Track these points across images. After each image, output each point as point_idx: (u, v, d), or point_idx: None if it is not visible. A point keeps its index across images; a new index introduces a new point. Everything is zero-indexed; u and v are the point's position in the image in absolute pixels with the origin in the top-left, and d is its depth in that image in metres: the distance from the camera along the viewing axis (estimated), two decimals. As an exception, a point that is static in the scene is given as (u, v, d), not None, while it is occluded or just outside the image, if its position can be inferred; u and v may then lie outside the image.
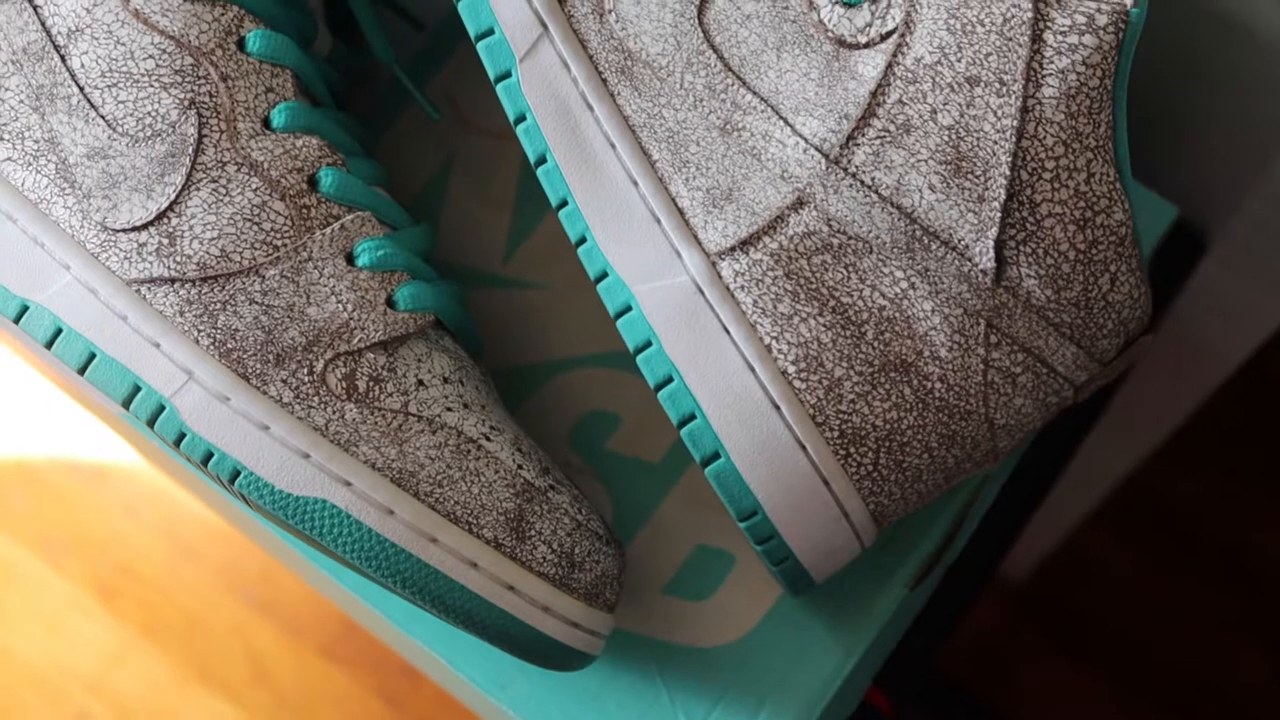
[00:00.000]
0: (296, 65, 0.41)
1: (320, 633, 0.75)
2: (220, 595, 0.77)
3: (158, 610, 0.79)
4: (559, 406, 0.46)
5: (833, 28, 0.39)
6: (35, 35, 0.40)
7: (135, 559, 0.80)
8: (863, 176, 0.39)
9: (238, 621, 0.76)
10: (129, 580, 0.80)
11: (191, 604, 0.78)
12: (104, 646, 0.80)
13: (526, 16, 0.40)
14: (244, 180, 0.39)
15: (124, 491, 0.78)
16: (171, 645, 0.78)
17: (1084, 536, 0.82)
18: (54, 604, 0.84)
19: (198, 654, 0.77)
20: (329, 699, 0.75)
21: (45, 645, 0.81)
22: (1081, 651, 0.87)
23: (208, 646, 0.77)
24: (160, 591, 0.79)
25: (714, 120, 0.40)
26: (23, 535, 0.82)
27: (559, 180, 0.40)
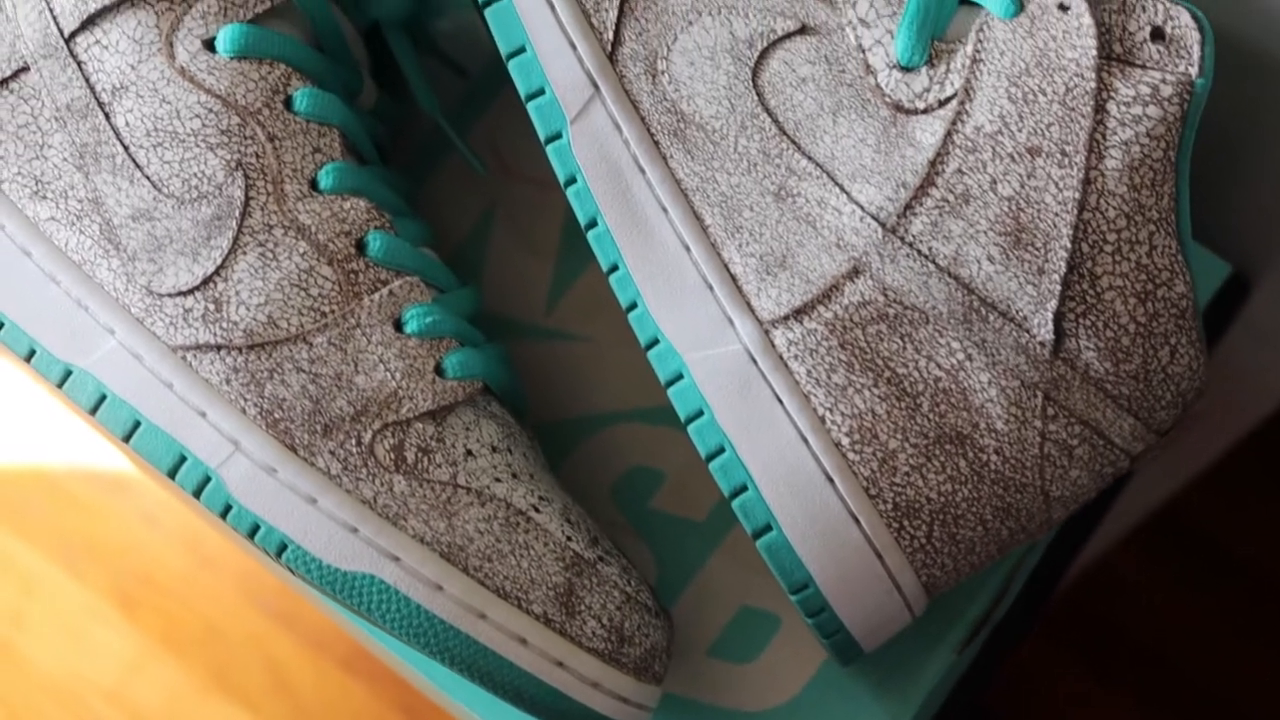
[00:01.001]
0: (343, 123, 0.40)
1: (340, 644, 0.75)
2: (240, 605, 0.77)
3: (177, 620, 0.78)
4: (602, 462, 0.45)
5: (890, 93, 0.39)
6: (79, 92, 0.39)
7: (155, 568, 0.80)
8: (920, 246, 0.38)
9: (257, 632, 0.76)
10: (148, 590, 0.80)
11: (211, 614, 0.78)
12: (123, 656, 0.80)
13: (578, 77, 0.40)
14: (291, 244, 0.38)
15: (144, 501, 0.78)
16: (191, 655, 0.78)
17: (1113, 555, 0.82)
18: (73, 613, 0.83)
19: (217, 664, 0.77)
20: (348, 711, 0.74)
21: (64, 654, 0.80)
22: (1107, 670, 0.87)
23: (227, 657, 0.77)
24: (180, 601, 0.79)
25: (768, 185, 0.39)
26: (43, 544, 0.82)
27: (610, 245, 0.39)
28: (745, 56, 0.39)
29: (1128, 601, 0.88)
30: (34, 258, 0.39)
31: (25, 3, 0.40)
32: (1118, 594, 0.87)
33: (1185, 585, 0.87)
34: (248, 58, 0.39)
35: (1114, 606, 0.87)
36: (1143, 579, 0.87)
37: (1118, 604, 0.88)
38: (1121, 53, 0.38)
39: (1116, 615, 0.87)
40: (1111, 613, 0.87)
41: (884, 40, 0.39)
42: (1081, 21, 0.38)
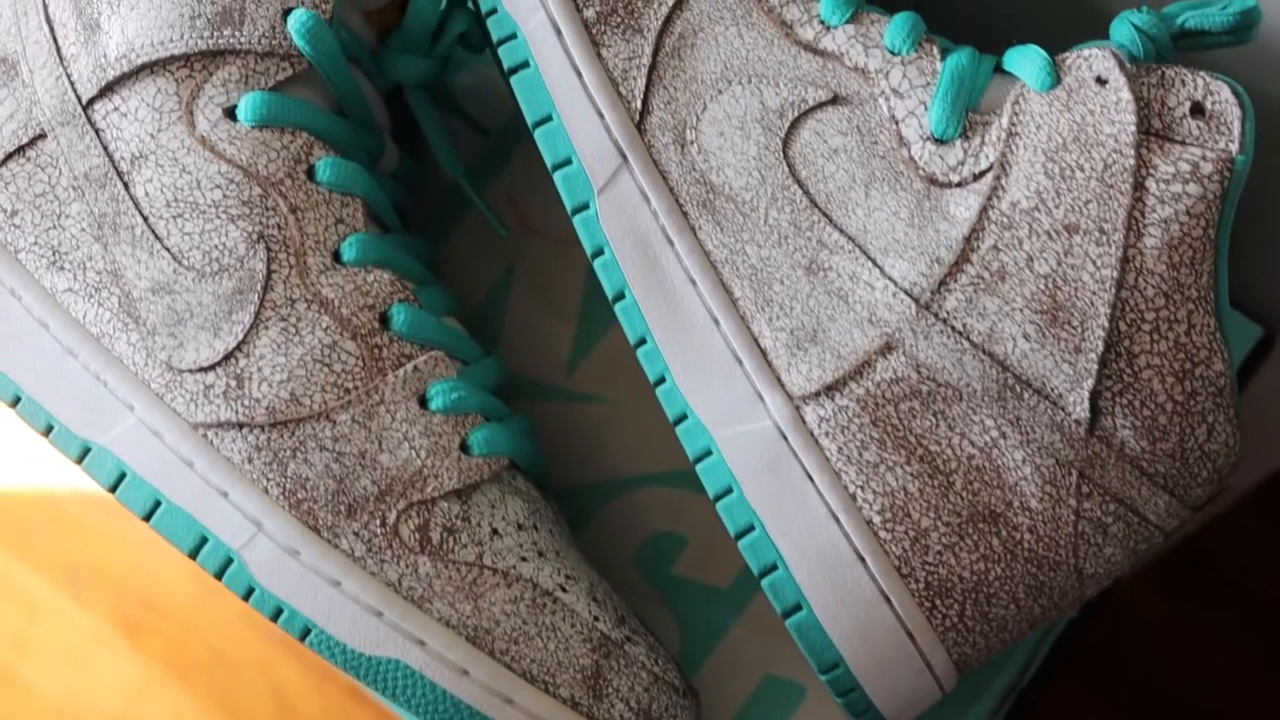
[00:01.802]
0: (366, 192, 0.39)
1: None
2: (245, 631, 0.76)
3: (182, 645, 0.78)
4: (624, 527, 0.45)
5: (924, 165, 0.38)
6: (98, 160, 0.38)
7: (159, 593, 0.79)
8: (954, 323, 0.37)
9: (262, 658, 0.75)
10: (153, 615, 0.79)
11: (216, 639, 0.77)
12: (127, 681, 0.79)
13: (606, 146, 0.39)
14: (314, 319, 0.38)
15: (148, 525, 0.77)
16: (195, 681, 0.77)
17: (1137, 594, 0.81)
18: (77, 638, 0.83)
19: (222, 690, 0.76)
20: (353, 738, 0.74)
21: (68, 680, 0.80)
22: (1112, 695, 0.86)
23: (232, 683, 0.76)
24: (185, 627, 0.78)
25: (799, 259, 0.38)
26: (46, 568, 0.81)
27: (638, 318, 0.39)
28: (776, 126, 0.39)
29: (1154, 643, 0.87)
30: (51, 330, 0.38)
31: (42, 68, 0.39)
32: (1144, 635, 0.86)
33: (1211, 623, 0.86)
34: (269, 126, 0.38)
35: (1140, 648, 0.87)
36: (1169, 618, 0.86)
37: (1144, 645, 0.87)
38: (1161, 128, 0.37)
39: (1143, 656, 0.86)
40: (1139, 654, 0.87)
41: (918, 112, 0.38)
42: (1120, 96, 0.37)
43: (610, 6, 0.40)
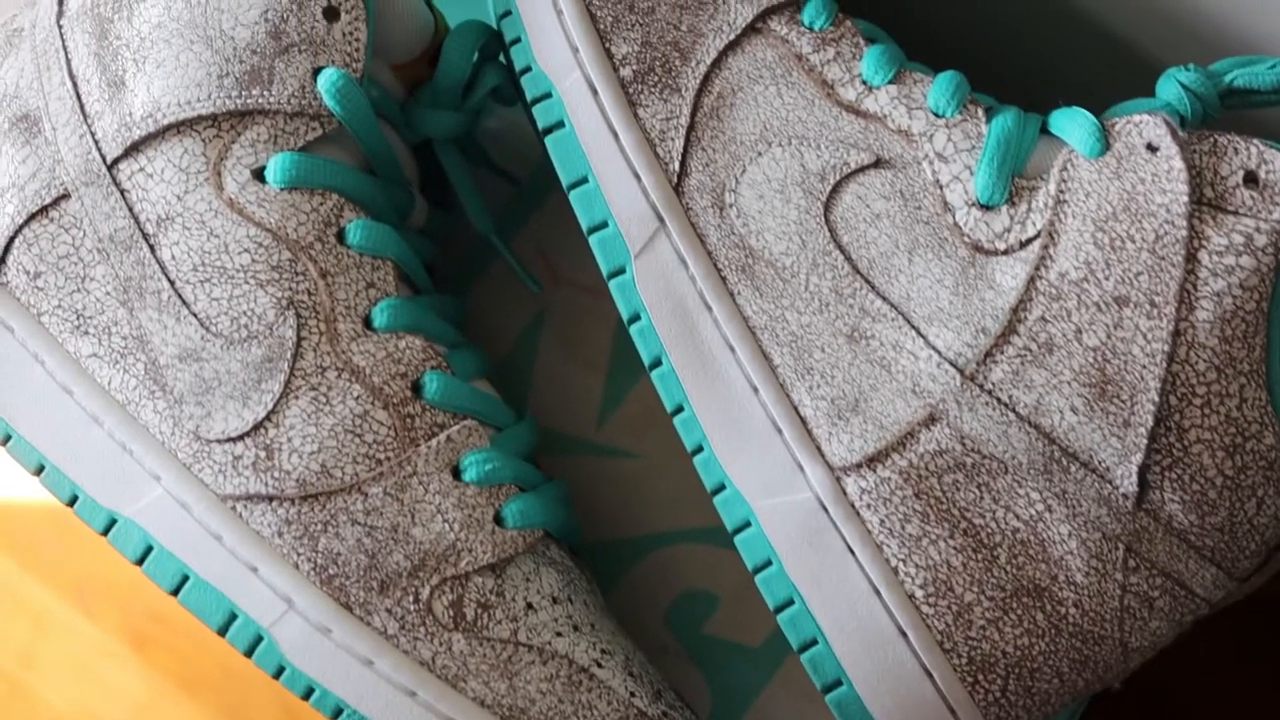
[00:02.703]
0: (397, 255, 0.38)
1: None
2: (255, 645, 0.75)
3: (191, 659, 0.77)
4: (655, 585, 0.44)
5: (969, 232, 0.37)
6: (123, 222, 0.37)
7: (168, 607, 0.78)
8: (1000, 394, 0.36)
9: (272, 673, 0.74)
10: (162, 629, 0.78)
11: (226, 653, 0.76)
12: (136, 695, 0.78)
13: (643, 209, 0.38)
14: (345, 388, 0.37)
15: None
16: (205, 695, 0.76)
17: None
18: (86, 651, 0.82)
19: (231, 705, 0.76)
20: (365, 754, 0.73)
21: (76, 693, 0.79)
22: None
23: (243, 697, 0.76)
24: (194, 640, 0.77)
25: (840, 326, 0.37)
26: (54, 581, 0.81)
27: (675, 385, 0.38)
28: (817, 190, 0.38)
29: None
30: (75, 396, 0.37)
31: (66, 125, 0.38)
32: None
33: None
34: (299, 188, 0.37)
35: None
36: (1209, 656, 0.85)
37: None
38: (1213, 198, 0.36)
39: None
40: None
41: (962, 176, 0.37)
42: (1172, 165, 0.36)
43: (647, 65, 0.39)
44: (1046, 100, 0.40)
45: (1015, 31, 0.46)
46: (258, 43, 0.38)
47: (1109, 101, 0.40)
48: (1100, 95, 0.41)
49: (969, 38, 0.45)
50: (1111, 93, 0.41)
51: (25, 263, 0.38)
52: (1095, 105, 0.39)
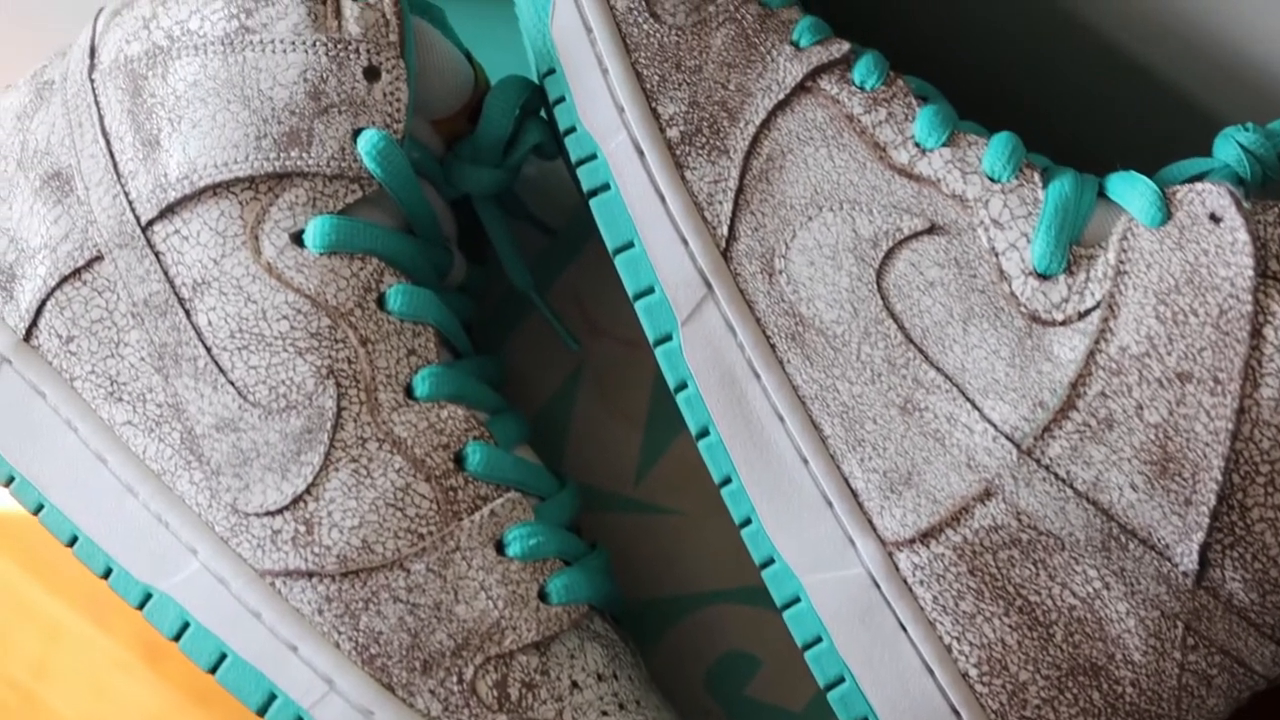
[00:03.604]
0: (438, 320, 0.37)
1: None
2: (270, 659, 0.75)
3: (203, 673, 0.76)
4: (695, 646, 0.43)
5: (1026, 301, 0.36)
6: (158, 286, 0.36)
7: (183, 621, 0.77)
8: (1057, 470, 0.36)
9: (287, 687, 0.73)
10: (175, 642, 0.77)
11: (241, 668, 0.76)
12: (149, 708, 0.78)
13: (690, 275, 0.37)
14: (386, 460, 0.36)
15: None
16: (217, 710, 0.76)
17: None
18: (100, 664, 0.81)
19: (244, 718, 0.75)
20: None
21: (90, 706, 0.79)
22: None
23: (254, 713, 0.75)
24: (208, 655, 0.76)
25: (893, 398, 0.36)
26: (67, 592, 0.80)
27: (723, 456, 0.37)
28: (869, 257, 0.37)
29: None
30: (110, 465, 0.37)
31: (99, 185, 0.37)
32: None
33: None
34: (338, 253, 0.37)
35: None
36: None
37: None
38: (1279, 271, 0.35)
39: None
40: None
41: (1019, 244, 0.37)
42: (1236, 237, 0.35)
43: (694, 126, 0.38)
44: (1097, 154, 0.40)
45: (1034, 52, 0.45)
46: (296, 103, 0.37)
47: (1163, 158, 0.39)
48: (1153, 151, 0.40)
49: (972, 50, 0.44)
50: (1166, 150, 0.40)
51: (58, 326, 0.37)
52: (1150, 165, 0.39)
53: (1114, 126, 0.44)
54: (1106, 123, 0.44)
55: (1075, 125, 0.43)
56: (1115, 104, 0.44)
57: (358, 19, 0.37)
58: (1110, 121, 0.44)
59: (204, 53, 0.37)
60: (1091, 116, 0.44)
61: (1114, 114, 0.44)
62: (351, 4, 0.37)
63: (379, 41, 0.37)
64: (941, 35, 0.44)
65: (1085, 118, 0.44)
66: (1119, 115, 0.44)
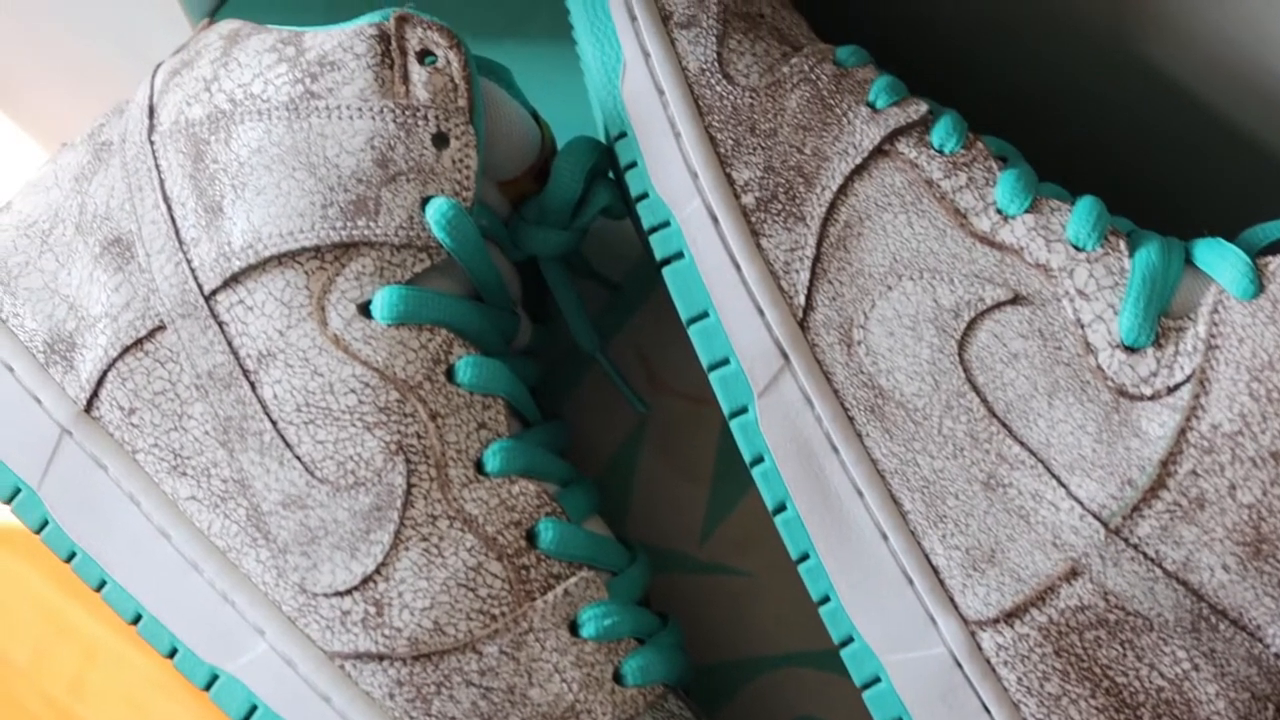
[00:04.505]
0: (508, 391, 0.36)
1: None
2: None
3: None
4: (765, 711, 0.42)
5: (1113, 375, 0.35)
6: (222, 358, 0.36)
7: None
8: (1146, 549, 0.35)
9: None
10: (214, 661, 0.77)
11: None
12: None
13: (766, 346, 0.36)
14: (457, 538, 0.35)
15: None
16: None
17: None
18: (135, 682, 0.81)
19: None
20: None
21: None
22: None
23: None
24: (246, 673, 0.76)
25: (976, 473, 0.36)
26: (105, 611, 0.79)
27: (800, 532, 0.36)
28: (950, 327, 0.36)
29: None
30: (173, 541, 0.36)
31: (160, 252, 0.36)
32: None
33: None
34: (406, 324, 0.36)
35: None
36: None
37: None
38: (1377, 348, 0.34)
39: None
40: None
41: (1105, 316, 0.36)
42: (1333, 312, 0.34)
43: (770, 191, 0.37)
44: (1173, 210, 0.39)
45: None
46: (364, 171, 0.36)
47: (1243, 219, 0.38)
48: (1232, 211, 0.39)
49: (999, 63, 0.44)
50: (1247, 211, 0.39)
51: (119, 398, 0.36)
52: (1230, 227, 0.38)
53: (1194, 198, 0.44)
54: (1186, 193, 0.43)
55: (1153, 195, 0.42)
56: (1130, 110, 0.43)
57: (426, 84, 0.36)
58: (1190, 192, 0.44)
59: (268, 118, 0.36)
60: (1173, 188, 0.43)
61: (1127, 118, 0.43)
62: (419, 68, 0.36)
63: (448, 107, 0.36)
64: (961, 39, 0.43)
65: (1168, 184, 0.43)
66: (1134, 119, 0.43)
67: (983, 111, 0.40)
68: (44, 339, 0.37)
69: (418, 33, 0.36)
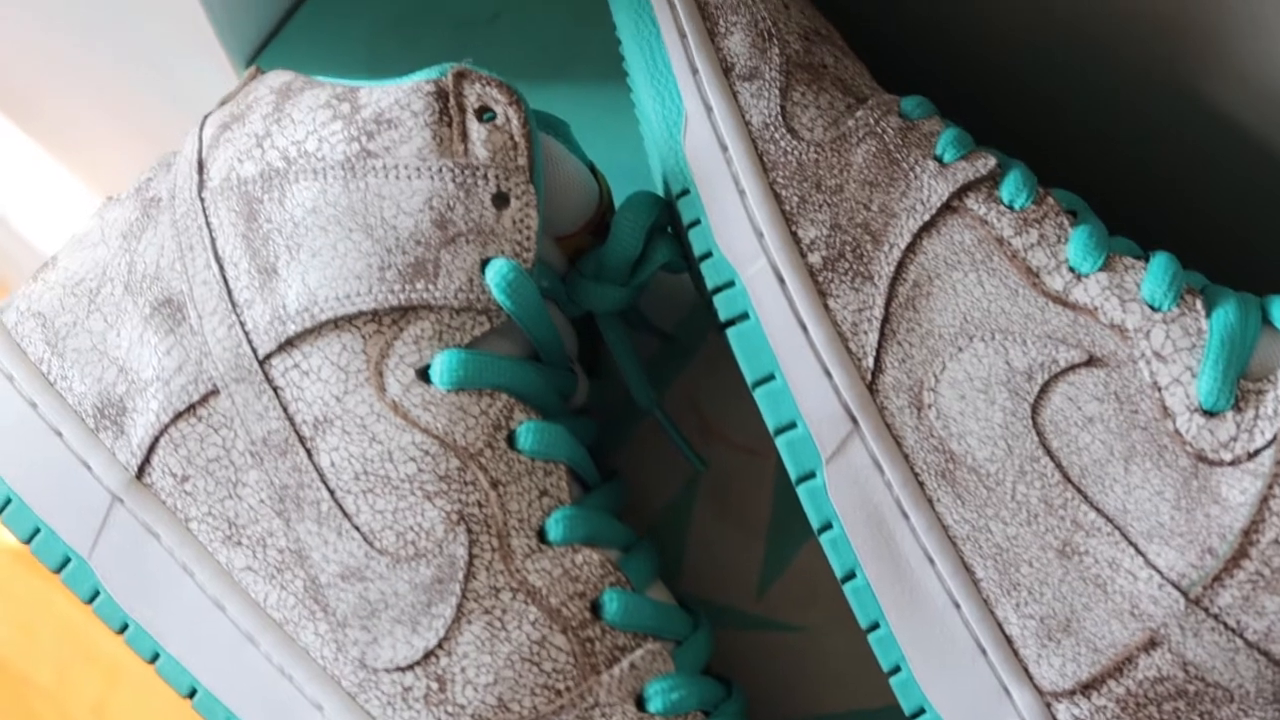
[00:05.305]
0: (569, 456, 0.36)
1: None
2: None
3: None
4: (823, 770, 0.42)
5: (1191, 440, 0.34)
6: (277, 424, 0.35)
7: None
8: (1227, 619, 0.34)
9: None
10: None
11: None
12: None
13: (835, 410, 0.36)
14: (521, 610, 0.34)
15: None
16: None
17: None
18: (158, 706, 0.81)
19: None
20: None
21: (149, 748, 0.78)
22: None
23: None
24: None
25: (1050, 540, 0.35)
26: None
27: (870, 600, 0.35)
28: (1024, 390, 0.35)
29: None
30: (228, 612, 0.35)
31: (213, 314, 0.35)
32: None
33: None
34: (466, 389, 0.35)
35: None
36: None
37: None
38: None
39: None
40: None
41: (1183, 378, 0.35)
42: None
43: (837, 250, 0.36)
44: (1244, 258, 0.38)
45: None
46: (422, 232, 0.35)
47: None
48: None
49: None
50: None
51: (172, 464, 0.35)
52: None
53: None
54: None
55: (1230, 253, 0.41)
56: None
57: (485, 142, 0.35)
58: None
59: (323, 177, 0.35)
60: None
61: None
62: (478, 125, 0.35)
63: (507, 166, 0.35)
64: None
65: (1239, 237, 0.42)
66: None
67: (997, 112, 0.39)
68: (93, 402, 0.36)
69: (476, 89, 0.36)
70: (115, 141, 0.55)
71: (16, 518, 0.36)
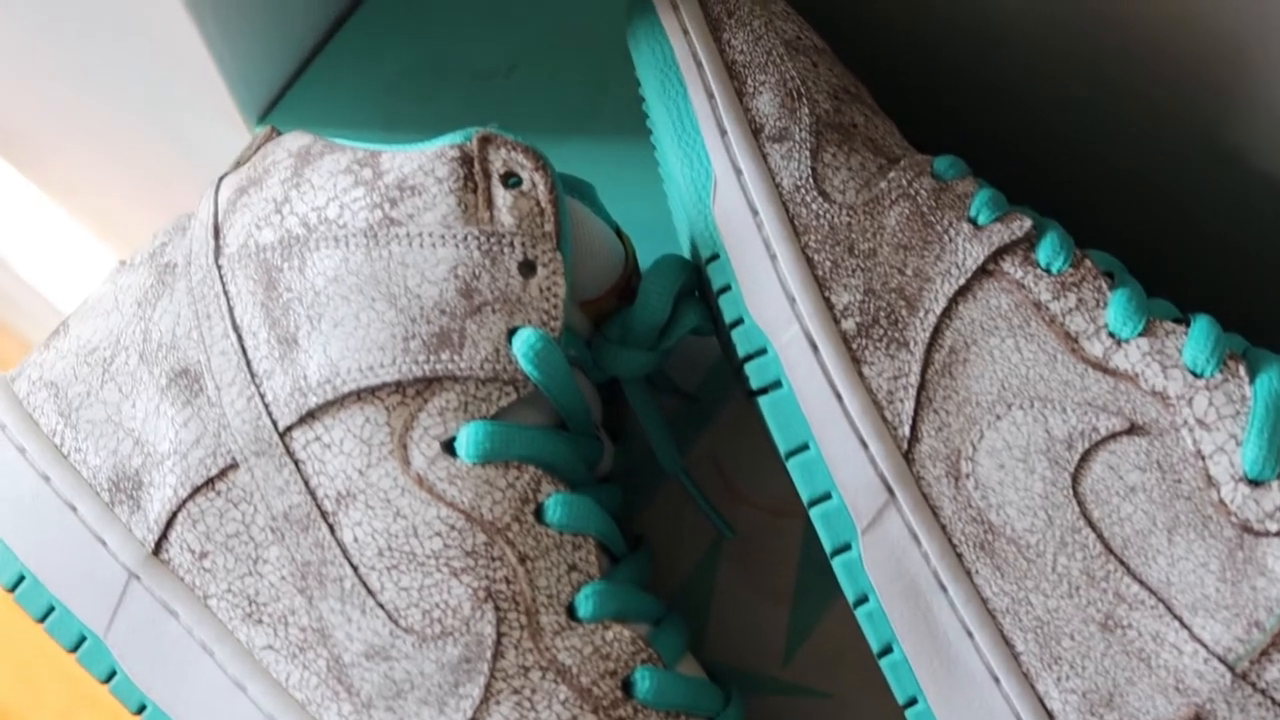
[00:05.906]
0: (598, 529, 0.35)
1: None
2: None
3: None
4: (853, 840, 0.41)
5: (1236, 510, 0.34)
6: (298, 499, 0.34)
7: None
8: (1275, 695, 0.33)
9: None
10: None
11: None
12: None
13: (870, 480, 0.35)
14: (550, 690, 0.33)
15: None
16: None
17: None
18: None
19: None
20: None
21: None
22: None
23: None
24: None
25: (1092, 613, 0.34)
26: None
27: (908, 676, 0.35)
28: (1064, 459, 0.34)
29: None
30: (250, 693, 0.34)
31: (231, 385, 0.34)
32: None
33: None
34: (493, 462, 0.34)
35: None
36: None
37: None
38: None
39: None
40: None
41: (1227, 447, 0.34)
42: None
43: (871, 316, 0.35)
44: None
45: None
46: (447, 302, 0.34)
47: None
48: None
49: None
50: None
51: (190, 540, 0.34)
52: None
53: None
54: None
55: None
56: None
57: (511, 208, 0.34)
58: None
59: (345, 245, 0.34)
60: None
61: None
62: (504, 191, 0.35)
63: (534, 233, 0.34)
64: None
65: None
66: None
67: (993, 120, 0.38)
68: (108, 476, 0.35)
69: (501, 154, 0.35)
70: (122, 190, 0.54)
71: (30, 596, 0.35)
